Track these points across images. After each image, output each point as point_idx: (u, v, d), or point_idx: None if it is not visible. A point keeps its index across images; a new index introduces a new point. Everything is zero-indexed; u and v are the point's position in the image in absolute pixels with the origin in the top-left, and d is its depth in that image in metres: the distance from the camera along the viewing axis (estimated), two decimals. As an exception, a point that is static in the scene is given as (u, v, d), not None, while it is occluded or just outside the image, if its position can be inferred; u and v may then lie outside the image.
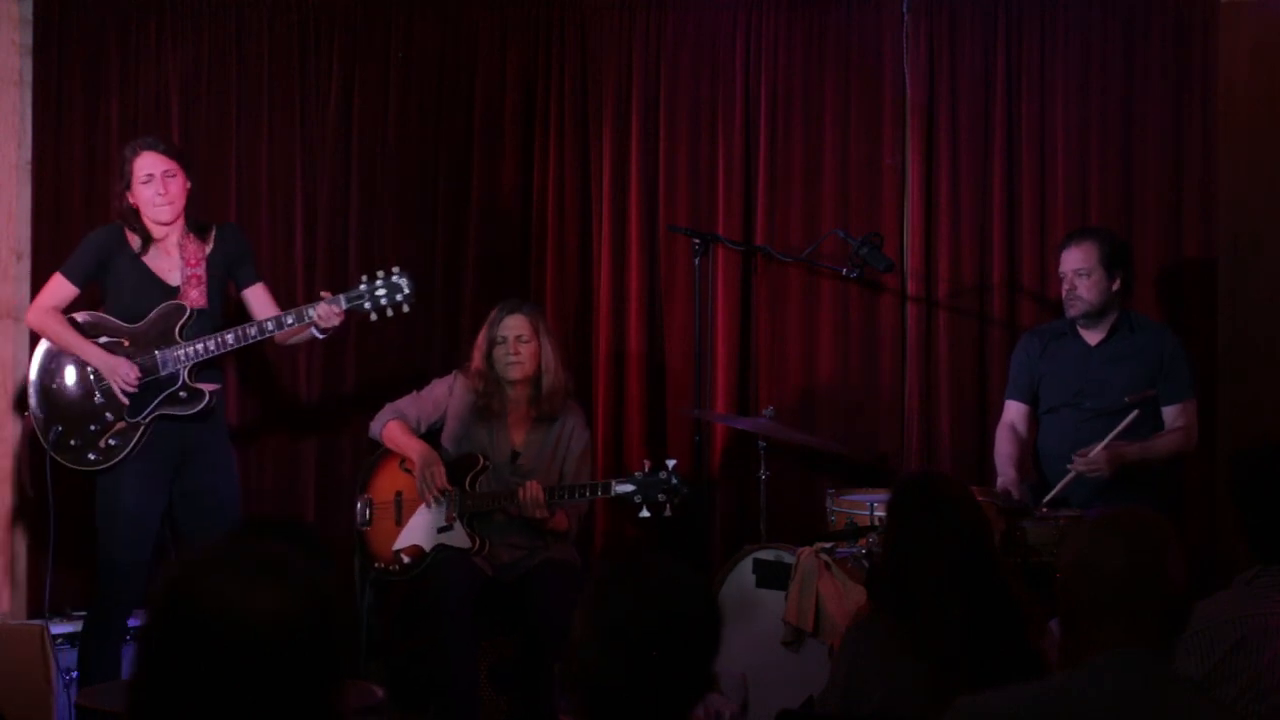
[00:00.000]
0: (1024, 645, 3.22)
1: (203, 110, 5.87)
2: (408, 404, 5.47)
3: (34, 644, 5.21)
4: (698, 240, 5.71)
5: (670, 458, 5.26)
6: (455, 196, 6.15)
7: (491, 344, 5.34)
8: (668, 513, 5.10)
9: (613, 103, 6.10)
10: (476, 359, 5.37)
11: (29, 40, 5.64)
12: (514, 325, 5.32)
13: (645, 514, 5.10)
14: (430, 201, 6.15)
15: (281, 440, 5.97)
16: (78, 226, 5.69)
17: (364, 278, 5.05)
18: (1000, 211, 5.89)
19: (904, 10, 5.93)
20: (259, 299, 5.16)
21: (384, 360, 6.04)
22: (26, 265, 5.63)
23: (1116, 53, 5.82)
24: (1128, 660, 2.48)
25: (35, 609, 5.45)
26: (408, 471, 5.35)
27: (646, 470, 5.12)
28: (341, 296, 5.01)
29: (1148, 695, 2.46)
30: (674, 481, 5.07)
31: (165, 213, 4.99)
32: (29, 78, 5.64)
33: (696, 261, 5.70)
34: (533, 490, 5.11)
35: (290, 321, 4.97)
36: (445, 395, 5.45)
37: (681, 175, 6.08)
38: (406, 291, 5.02)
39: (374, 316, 5.04)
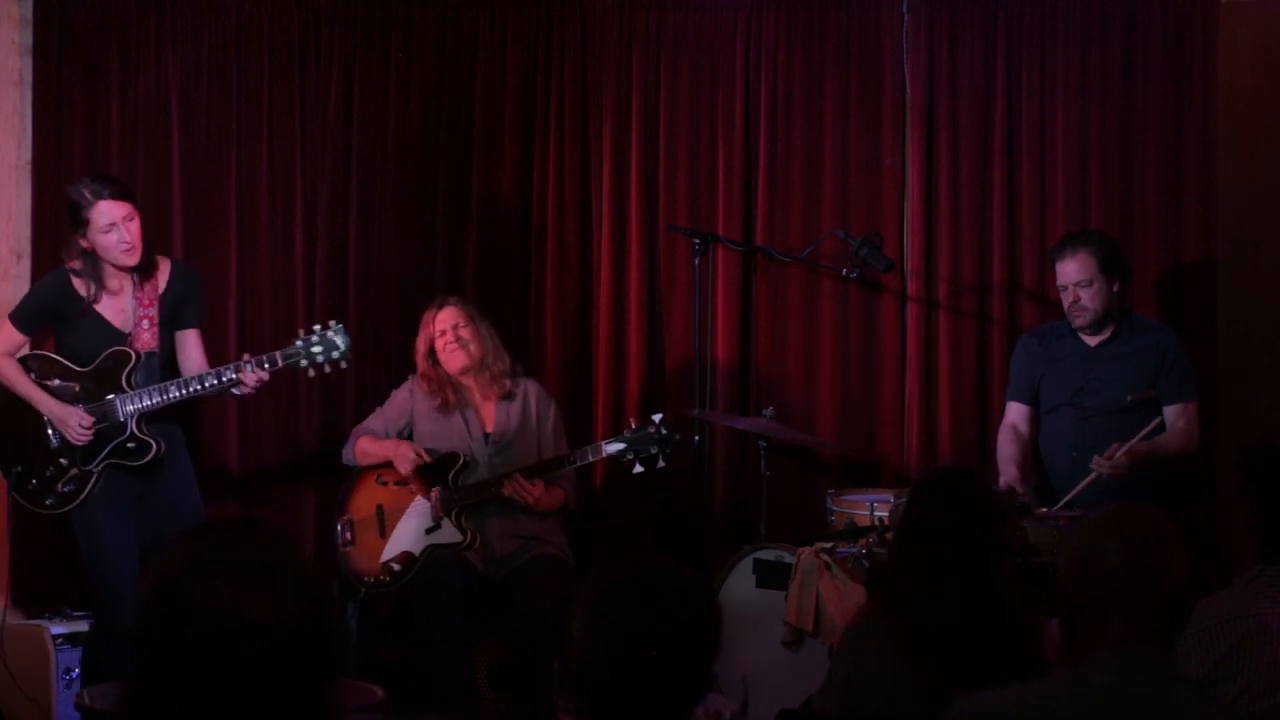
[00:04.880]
0: (1024, 645, 3.22)
1: (203, 110, 5.87)
2: (374, 420, 5.50)
3: (34, 644, 5.22)
4: (698, 240, 5.70)
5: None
6: (455, 197, 6.15)
7: (431, 343, 5.36)
8: (661, 463, 5.11)
9: (613, 103, 6.10)
10: (420, 364, 5.40)
11: (29, 40, 5.64)
12: (447, 318, 5.38)
13: (639, 469, 5.12)
14: (430, 202, 6.14)
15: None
16: (78, 226, 5.70)
17: (300, 333, 4.99)
18: (1000, 211, 5.89)
19: (904, 10, 5.93)
20: (192, 345, 5.05)
21: (384, 360, 6.03)
22: (26, 265, 5.63)
23: (1116, 53, 5.82)
24: (1127, 659, 2.48)
25: (35, 609, 5.45)
26: (384, 485, 5.36)
27: (634, 427, 5.13)
28: (277, 355, 4.93)
29: (1148, 694, 2.46)
30: (664, 432, 5.09)
31: (131, 257, 4.88)
32: (29, 78, 5.64)
33: (696, 261, 5.69)
34: (512, 487, 5.13)
35: (230, 377, 4.86)
36: (408, 399, 5.46)
37: (681, 175, 6.08)
38: (342, 348, 4.95)
39: (311, 373, 5.00)
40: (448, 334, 5.36)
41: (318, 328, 4.98)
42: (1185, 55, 5.76)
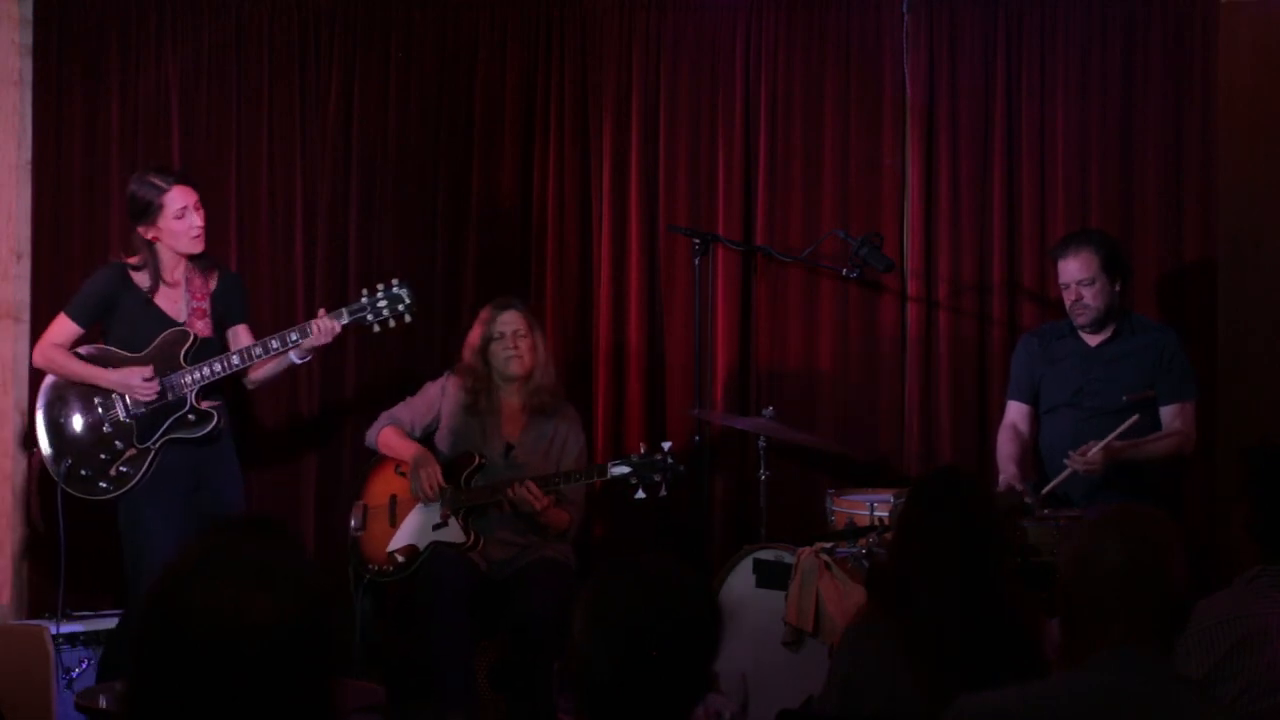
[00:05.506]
0: (1024, 645, 3.22)
1: (203, 110, 5.87)
2: (401, 410, 5.48)
3: (34, 644, 5.22)
4: (698, 240, 5.71)
5: (666, 440, 5.27)
6: (455, 197, 6.15)
7: (487, 341, 5.34)
8: (663, 492, 5.11)
9: (613, 103, 6.10)
10: (468, 357, 5.38)
11: (29, 40, 5.64)
12: (511, 321, 5.35)
13: (641, 495, 5.11)
14: (430, 202, 6.15)
15: (282, 447, 5.96)
16: (78, 226, 5.71)
17: (364, 291, 5.09)
18: (1000, 211, 5.89)
19: (904, 10, 5.93)
20: (244, 338, 5.14)
21: (384, 362, 6.04)
22: (26, 265, 5.64)
23: (1116, 52, 5.82)
24: (1127, 659, 2.48)
25: (36, 609, 5.45)
26: (402, 475, 5.36)
27: (642, 453, 5.13)
28: (344, 310, 5.04)
29: (1148, 694, 2.46)
30: (669, 461, 5.09)
31: (198, 244, 5.00)
32: (29, 78, 5.64)
33: (696, 261, 5.70)
34: (520, 491, 5.11)
35: (294, 338, 4.98)
36: (438, 396, 5.45)
37: (681, 175, 6.08)
38: (408, 302, 5.07)
39: (376, 328, 5.09)
40: (507, 338, 5.34)
41: (381, 286, 5.07)
42: (1185, 55, 5.76)
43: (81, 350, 5.04)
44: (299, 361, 5.09)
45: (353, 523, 5.44)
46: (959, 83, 5.92)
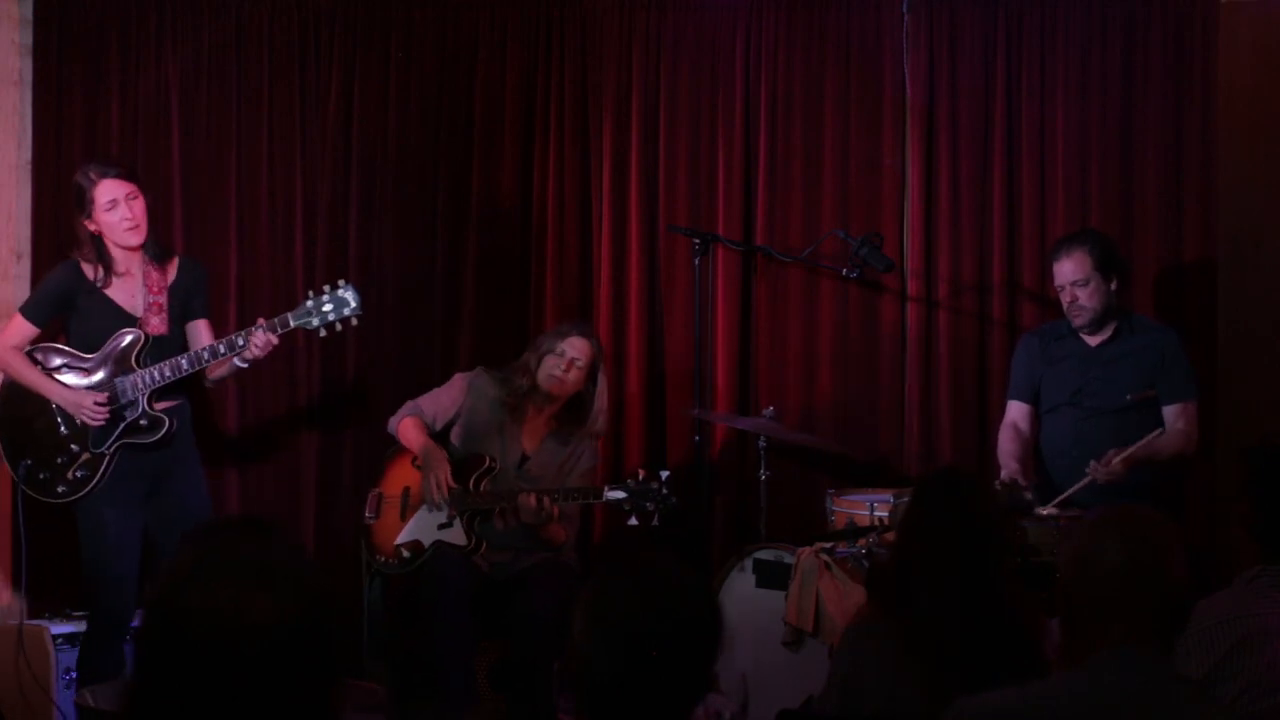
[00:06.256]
0: (1024, 645, 3.22)
1: (203, 110, 5.87)
2: (426, 401, 5.47)
3: (34, 644, 5.22)
4: (698, 240, 5.71)
5: (668, 463, 5.29)
6: (455, 197, 6.15)
7: (546, 351, 5.32)
8: (655, 522, 5.11)
9: (613, 103, 6.10)
10: (529, 356, 5.36)
11: (29, 40, 5.64)
12: (576, 346, 5.31)
13: (633, 522, 5.11)
14: (430, 202, 6.15)
15: (282, 440, 5.97)
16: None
17: (309, 293, 4.98)
18: (1000, 211, 5.90)
19: (904, 10, 5.94)
20: (204, 334, 5.05)
21: (384, 359, 6.04)
22: (26, 265, 5.63)
23: (1116, 52, 5.82)
24: (1127, 659, 2.48)
25: (35, 609, 5.45)
26: (419, 468, 5.37)
27: (640, 479, 5.11)
28: (288, 316, 4.92)
29: (1148, 695, 2.46)
30: (664, 492, 5.08)
31: (133, 236, 4.90)
32: (29, 78, 5.64)
33: (696, 261, 5.70)
34: (524, 500, 5.10)
35: (240, 343, 4.87)
36: (463, 391, 5.44)
37: (681, 175, 6.08)
38: (353, 305, 4.93)
39: (323, 333, 4.97)
40: (564, 359, 5.28)
41: (327, 287, 4.97)
42: (1185, 55, 5.77)
43: (36, 353, 4.96)
44: (243, 365, 4.98)
45: (367, 510, 5.45)
46: (959, 83, 5.92)
